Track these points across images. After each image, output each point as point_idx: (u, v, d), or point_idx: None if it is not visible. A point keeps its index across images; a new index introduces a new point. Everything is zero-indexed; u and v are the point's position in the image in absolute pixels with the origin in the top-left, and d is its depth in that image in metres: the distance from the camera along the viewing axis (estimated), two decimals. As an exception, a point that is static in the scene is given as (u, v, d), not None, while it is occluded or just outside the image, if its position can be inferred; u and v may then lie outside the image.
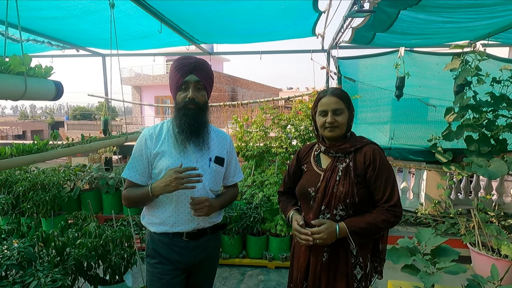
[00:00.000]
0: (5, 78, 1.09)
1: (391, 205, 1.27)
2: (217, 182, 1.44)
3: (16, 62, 1.13)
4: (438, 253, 1.97)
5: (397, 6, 2.00)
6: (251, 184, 3.50)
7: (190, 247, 1.38)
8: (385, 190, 1.27)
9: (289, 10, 2.46)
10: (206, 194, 1.37)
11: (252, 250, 3.09)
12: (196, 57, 1.35)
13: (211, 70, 1.39)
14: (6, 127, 21.24)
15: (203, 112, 1.36)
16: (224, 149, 1.47)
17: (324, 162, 1.40)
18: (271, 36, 3.31)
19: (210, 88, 1.40)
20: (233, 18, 2.67)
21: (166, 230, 1.35)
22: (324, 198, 1.31)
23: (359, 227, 1.25)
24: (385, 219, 1.25)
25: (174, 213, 1.34)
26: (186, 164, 1.32)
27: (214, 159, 1.40)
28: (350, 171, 1.29)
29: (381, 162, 1.29)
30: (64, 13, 2.23)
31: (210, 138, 1.41)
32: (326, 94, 1.33)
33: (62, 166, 4.11)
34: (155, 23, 2.59)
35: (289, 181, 1.55)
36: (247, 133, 3.86)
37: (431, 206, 3.73)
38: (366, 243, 1.36)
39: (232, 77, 21.56)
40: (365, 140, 1.37)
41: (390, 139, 3.83)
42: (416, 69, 3.49)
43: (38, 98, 1.26)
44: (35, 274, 1.36)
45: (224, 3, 2.30)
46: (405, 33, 2.57)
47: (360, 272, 1.33)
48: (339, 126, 1.30)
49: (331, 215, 1.30)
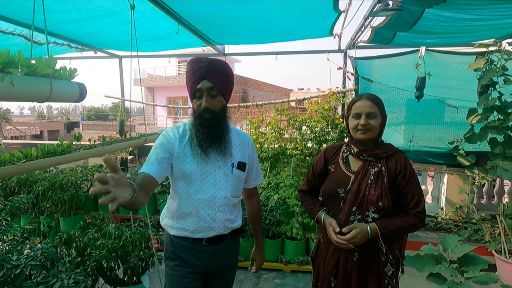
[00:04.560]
0: (32, 80, 1.10)
1: (418, 211, 1.34)
2: (239, 187, 1.41)
3: (42, 65, 1.13)
4: (466, 262, 1.88)
5: (423, 4, 1.93)
6: (266, 186, 3.47)
7: (209, 252, 1.35)
8: (413, 197, 1.34)
9: (308, 9, 2.42)
10: (228, 201, 1.33)
11: (268, 253, 3.05)
12: (209, 59, 1.24)
13: (227, 70, 1.28)
14: (25, 127, 21.94)
15: (221, 120, 1.29)
16: (247, 153, 1.41)
17: (354, 164, 1.43)
18: (288, 36, 3.26)
19: (227, 91, 1.29)
20: (250, 18, 2.65)
21: (186, 235, 1.33)
22: (356, 199, 1.35)
23: (389, 229, 1.32)
24: (413, 223, 1.34)
25: (195, 222, 1.31)
26: (209, 171, 1.29)
27: (236, 165, 1.35)
28: (383, 176, 1.34)
29: (411, 170, 1.36)
30: (84, 16, 2.26)
31: (233, 143, 1.36)
32: (361, 98, 1.38)
33: (79, 166, 4.18)
34: (172, 24, 2.59)
35: (314, 180, 1.56)
36: (261, 134, 3.83)
37: (452, 211, 3.60)
38: (394, 242, 1.42)
39: (243, 78, 21.60)
40: (394, 148, 1.42)
41: (408, 141, 3.73)
42: (437, 69, 3.38)
43: (62, 100, 1.26)
44: (58, 275, 1.37)
45: (242, 3, 2.28)
46: (428, 32, 2.48)
47: (391, 270, 1.40)
48: (371, 129, 1.34)
49: (362, 217, 1.35)
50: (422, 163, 3.72)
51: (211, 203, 1.30)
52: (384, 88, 3.57)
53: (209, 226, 1.31)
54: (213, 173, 1.30)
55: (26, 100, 1.11)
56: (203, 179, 1.29)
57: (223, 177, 1.31)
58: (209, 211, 1.30)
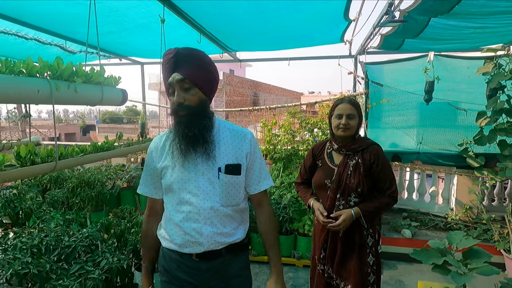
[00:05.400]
0: (89, 88, 1.31)
1: (391, 191, 1.64)
2: (234, 194, 1.17)
3: (95, 74, 1.35)
4: (470, 255, 1.97)
5: (428, 14, 2.08)
6: (279, 185, 3.63)
7: (202, 268, 1.17)
8: (386, 181, 1.63)
9: (320, 19, 2.60)
10: (216, 212, 1.14)
11: (281, 249, 3.20)
12: (177, 49, 1.07)
13: (201, 59, 1.10)
14: (45, 130, 22.84)
15: (199, 116, 1.09)
16: (242, 152, 1.18)
17: (336, 158, 1.71)
18: (300, 43, 3.45)
19: (205, 83, 1.10)
20: (265, 27, 2.85)
21: (175, 248, 1.17)
22: (339, 188, 1.63)
23: (369, 210, 1.61)
24: (387, 202, 1.63)
25: (181, 236, 1.15)
26: (191, 179, 1.13)
27: (224, 169, 1.14)
28: (360, 167, 1.61)
29: (383, 159, 1.64)
30: (119, 28, 2.51)
31: (221, 142, 1.17)
32: (343, 101, 1.64)
33: (103, 165, 4.46)
34: (195, 34, 2.82)
35: (305, 174, 1.85)
36: (275, 136, 4.01)
37: (462, 212, 3.67)
38: (374, 219, 1.71)
39: (254, 81, 21.87)
40: (369, 141, 1.69)
41: (418, 143, 3.83)
42: (445, 73, 3.48)
43: (109, 104, 1.48)
44: (102, 254, 1.58)
45: (259, 15, 2.48)
46: (435, 38, 2.61)
47: (372, 240, 1.68)
48: (350, 128, 1.61)
49: (345, 202, 1.63)
50: (432, 164, 3.80)
51: (195, 215, 1.12)
52: (394, 91, 3.69)
53: (196, 241, 1.13)
54: (195, 181, 1.13)
55: (83, 104, 1.32)
56: (184, 188, 1.14)
57: (209, 185, 1.13)
58: (194, 224, 1.13)
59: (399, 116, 3.85)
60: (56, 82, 1.12)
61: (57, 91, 1.11)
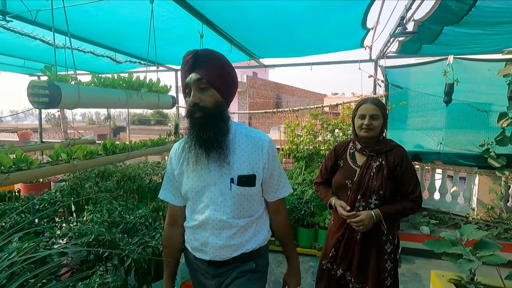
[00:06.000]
0: (151, 95, 1.68)
1: (415, 196, 1.56)
2: (246, 206, 1.14)
3: (155, 84, 1.71)
4: (480, 246, 2.11)
5: (440, 24, 2.27)
6: (301, 182, 3.89)
7: (210, 273, 1.18)
8: (410, 184, 1.56)
9: (340, 28, 2.84)
10: (225, 225, 1.11)
11: (303, 240, 3.46)
12: (196, 50, 1.06)
13: (220, 60, 1.08)
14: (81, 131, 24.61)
15: (215, 118, 1.06)
16: (259, 161, 1.13)
17: (359, 159, 1.66)
18: (322, 49, 3.69)
19: (222, 84, 1.07)
20: (289, 37, 3.14)
21: (190, 250, 1.23)
22: (360, 189, 1.58)
23: (390, 213, 1.55)
24: (411, 207, 1.56)
25: (192, 239, 1.19)
26: (203, 189, 1.12)
27: (237, 180, 1.09)
28: (383, 169, 1.56)
29: (407, 162, 1.58)
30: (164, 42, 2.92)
31: (236, 150, 1.12)
32: (367, 102, 1.60)
33: (141, 162, 4.95)
34: (226, 44, 3.17)
35: (326, 173, 1.81)
36: (297, 136, 4.28)
37: (484, 212, 3.72)
38: (394, 224, 1.66)
39: (277, 84, 22.13)
40: (393, 143, 1.64)
41: (438, 143, 3.92)
42: (465, 75, 3.57)
43: (163, 107, 1.84)
44: (156, 230, 1.94)
45: (283, 26, 2.77)
46: (450, 44, 2.76)
47: (390, 247, 1.62)
48: (373, 129, 1.56)
49: (366, 204, 1.58)
50: (453, 164, 3.88)
51: (204, 225, 1.12)
52: (414, 94, 3.82)
53: (202, 250, 1.16)
54: (208, 191, 1.11)
55: (146, 107, 1.69)
56: (198, 198, 1.14)
57: (220, 196, 1.10)
58: (203, 233, 1.14)
59: (419, 117, 3.97)
60: (130, 92, 1.49)
61: (130, 98, 1.47)
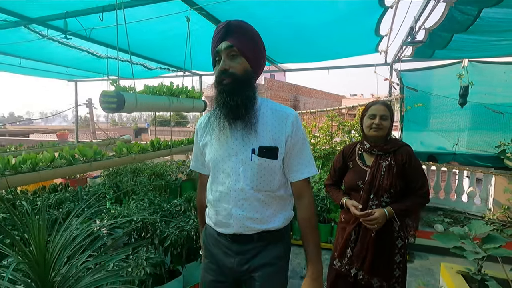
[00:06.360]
0: (187, 101, 1.98)
1: (424, 192, 1.65)
2: (267, 179, 1.11)
3: (191, 91, 2.01)
4: (488, 240, 2.24)
5: (449, 31, 2.43)
6: (318, 180, 4.10)
7: (234, 250, 1.16)
8: (418, 181, 1.65)
9: (354, 36, 3.04)
10: (247, 195, 1.10)
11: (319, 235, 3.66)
12: (228, 21, 1.07)
13: (251, 30, 1.09)
14: (108, 132, 25.98)
15: (243, 85, 1.05)
16: (282, 134, 1.10)
17: (368, 160, 1.72)
18: (338, 55, 3.89)
19: (252, 54, 1.07)
20: (307, 45, 3.38)
21: (212, 226, 1.21)
22: (372, 189, 1.64)
23: (402, 209, 1.62)
24: (420, 202, 1.67)
25: (215, 215, 1.18)
26: (225, 158, 1.12)
27: (258, 151, 1.08)
28: (393, 167, 1.63)
29: (415, 160, 1.67)
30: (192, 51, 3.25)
31: (260, 121, 1.10)
32: (377, 103, 1.69)
33: (168, 161, 5.33)
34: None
35: (335, 175, 1.86)
36: (314, 137, 4.48)
37: (500, 212, 3.76)
38: (405, 220, 1.74)
39: (294, 85, 22.26)
40: (400, 142, 1.72)
41: (454, 144, 4.01)
42: (481, 78, 3.65)
43: (197, 111, 2.14)
44: (189, 216, 2.24)
45: (300, 34, 3.01)
46: (462, 49, 2.90)
47: (401, 242, 1.69)
48: (382, 129, 1.64)
49: (378, 202, 1.64)
50: (469, 165, 3.95)
51: (226, 196, 1.12)
52: (428, 96, 3.94)
53: (226, 222, 1.14)
54: (229, 161, 1.11)
55: (183, 111, 1.99)
56: (219, 168, 1.14)
57: (241, 166, 1.10)
58: (225, 205, 1.13)
59: (434, 119, 4.07)
60: (172, 98, 1.79)
61: (172, 103, 1.77)
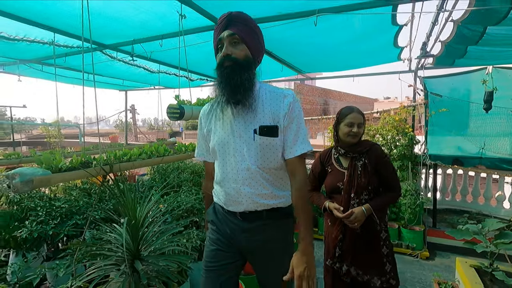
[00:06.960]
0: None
1: (396, 187, 1.79)
2: (270, 157, 1.18)
3: (205, 100, 2.47)
4: (501, 236, 2.39)
5: (462, 44, 2.65)
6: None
7: (242, 227, 1.23)
8: (388, 176, 1.79)
9: (375, 49, 3.33)
10: (253, 173, 1.17)
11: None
12: (230, 12, 1.15)
13: (251, 21, 1.17)
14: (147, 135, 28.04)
15: (243, 69, 1.11)
16: (280, 113, 1.16)
17: (344, 162, 1.85)
18: (362, 64, 4.17)
19: (252, 42, 1.15)
20: (331, 55, 3.71)
21: (222, 205, 1.27)
22: (352, 188, 1.75)
23: (378, 205, 1.74)
24: (393, 196, 1.80)
25: (224, 194, 1.24)
26: (231, 141, 1.19)
27: (259, 131, 1.14)
28: (367, 166, 1.77)
29: (385, 157, 1.81)
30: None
31: (260, 102, 1.17)
32: (353, 111, 1.79)
33: (203, 161, 5.87)
34: (278, 65, 3.88)
35: (315, 180, 1.96)
36: (339, 141, 4.75)
37: (529, 216, 3.76)
38: (384, 214, 1.85)
39: (324, 89, 22.20)
40: (370, 142, 1.85)
41: (480, 148, 4.06)
42: (506, 83, 3.71)
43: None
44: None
45: (325, 48, 3.36)
46: (479, 58, 3.07)
47: (385, 234, 1.82)
48: (358, 135, 1.78)
49: (359, 200, 1.75)
50: (497, 169, 3.98)
51: (234, 176, 1.19)
52: (453, 101, 4.05)
53: (236, 200, 1.21)
54: (233, 143, 1.18)
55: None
56: (224, 151, 1.21)
57: (245, 146, 1.17)
58: (234, 184, 1.20)
59: (459, 124, 4.16)
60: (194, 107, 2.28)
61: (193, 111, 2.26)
